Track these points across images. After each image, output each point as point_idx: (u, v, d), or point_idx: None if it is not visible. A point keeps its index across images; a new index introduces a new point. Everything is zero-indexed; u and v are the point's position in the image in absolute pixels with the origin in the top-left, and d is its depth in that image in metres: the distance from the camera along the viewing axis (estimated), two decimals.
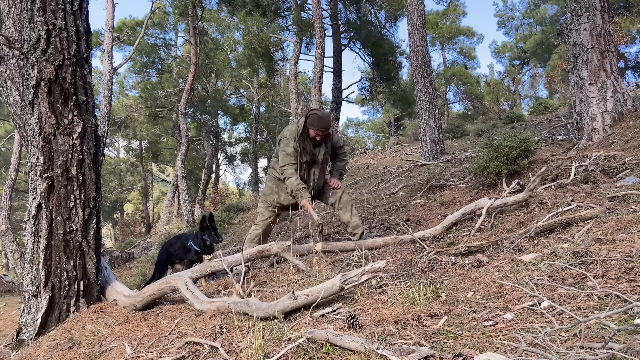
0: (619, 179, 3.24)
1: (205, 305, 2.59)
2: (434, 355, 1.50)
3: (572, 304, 1.68)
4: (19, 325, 3.08)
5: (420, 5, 8.33)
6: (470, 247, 2.72)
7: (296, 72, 12.54)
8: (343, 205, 3.69)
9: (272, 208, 3.76)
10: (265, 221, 3.80)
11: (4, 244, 9.85)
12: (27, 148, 3.29)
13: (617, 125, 4.26)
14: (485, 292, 2.02)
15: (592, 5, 4.42)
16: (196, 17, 13.25)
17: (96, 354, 2.39)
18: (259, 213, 3.89)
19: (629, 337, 1.34)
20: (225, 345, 2.00)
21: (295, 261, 3.07)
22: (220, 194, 19.25)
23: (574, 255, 2.09)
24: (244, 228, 9.20)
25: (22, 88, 3.70)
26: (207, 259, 3.19)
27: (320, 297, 2.13)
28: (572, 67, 4.67)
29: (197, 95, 18.18)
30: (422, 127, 8.31)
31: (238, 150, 27.41)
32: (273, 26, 14.11)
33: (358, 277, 2.20)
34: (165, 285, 3.04)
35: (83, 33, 3.17)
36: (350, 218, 3.66)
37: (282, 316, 2.13)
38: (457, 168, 6.43)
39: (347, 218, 3.67)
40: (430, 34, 23.47)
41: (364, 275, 2.20)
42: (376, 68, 16.17)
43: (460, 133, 12.41)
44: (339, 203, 3.70)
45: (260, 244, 3.65)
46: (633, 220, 2.31)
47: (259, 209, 3.90)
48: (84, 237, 3.12)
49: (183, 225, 12.84)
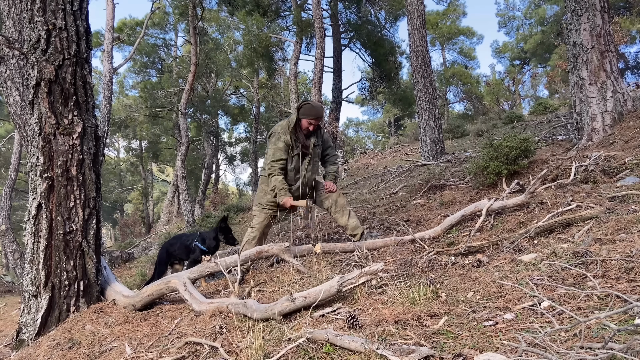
0: (619, 179, 3.24)
1: (203, 306, 2.60)
2: (434, 355, 1.50)
3: (572, 304, 1.68)
4: (19, 325, 3.08)
5: (420, 6, 8.33)
6: (470, 247, 2.72)
7: (296, 72, 12.54)
8: (340, 208, 3.68)
9: (267, 210, 3.72)
10: (261, 224, 3.75)
11: (4, 244, 9.85)
12: (27, 148, 3.29)
13: (617, 126, 4.26)
14: (485, 292, 2.01)
15: (592, 5, 4.42)
16: (196, 17, 13.26)
17: (96, 354, 2.39)
18: (254, 216, 3.84)
19: (629, 337, 1.33)
20: (225, 346, 2.00)
21: (294, 262, 3.07)
22: (220, 194, 19.24)
23: (574, 255, 2.09)
24: (243, 228, 9.20)
25: (22, 88, 3.70)
26: (206, 259, 3.19)
27: (318, 299, 2.14)
28: (572, 67, 4.67)
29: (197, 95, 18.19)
30: (422, 127, 8.31)
31: (238, 150, 27.45)
32: (273, 26, 14.10)
33: (356, 279, 2.20)
34: (164, 285, 3.04)
35: (83, 33, 3.17)
36: (348, 221, 3.65)
37: (280, 318, 2.13)
38: (457, 168, 6.43)
39: (345, 221, 3.66)
40: (430, 34, 23.50)
41: (362, 277, 2.21)
42: (376, 68, 16.18)
43: (460, 133, 12.41)
44: (336, 206, 3.69)
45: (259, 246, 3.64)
46: (633, 221, 2.31)
47: (254, 211, 3.86)
48: (84, 237, 3.12)
49: (183, 225, 12.84)
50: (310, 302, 2.14)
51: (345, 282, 2.19)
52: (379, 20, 16.12)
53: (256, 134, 21.41)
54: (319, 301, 2.14)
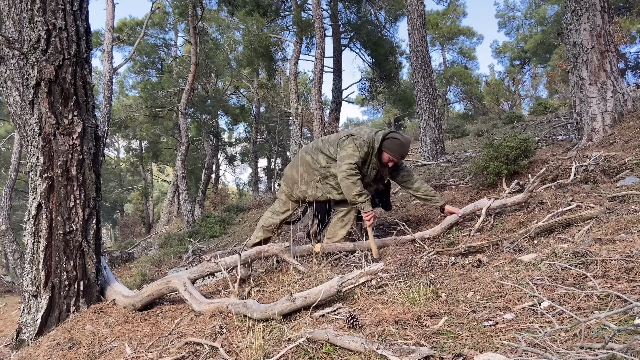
0: (619, 179, 3.24)
1: (203, 307, 2.60)
2: (434, 356, 1.50)
3: (572, 304, 1.67)
4: (19, 325, 3.08)
5: (420, 6, 8.33)
6: (470, 247, 2.72)
7: (296, 72, 12.53)
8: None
9: (294, 198, 3.50)
10: (286, 212, 3.56)
11: (4, 244, 9.84)
12: (27, 148, 3.29)
13: (617, 126, 4.26)
14: (485, 292, 2.01)
15: (592, 6, 4.42)
16: (196, 17, 13.25)
17: (96, 354, 2.39)
18: (279, 200, 3.61)
19: (629, 337, 1.33)
20: (225, 346, 2.00)
21: (294, 262, 3.08)
22: (220, 194, 19.24)
23: (574, 255, 2.09)
24: (243, 228, 9.20)
25: (22, 88, 3.70)
26: (206, 259, 3.19)
27: (318, 299, 2.14)
28: (572, 67, 4.66)
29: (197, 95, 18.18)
30: (422, 127, 8.31)
31: (238, 151, 27.45)
32: (273, 26, 14.10)
33: (356, 280, 2.21)
34: (164, 285, 3.04)
35: (83, 33, 3.17)
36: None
37: (279, 318, 2.13)
38: (457, 168, 6.43)
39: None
40: (430, 34, 23.50)
41: (361, 278, 2.21)
42: (376, 68, 16.18)
43: (460, 133, 12.39)
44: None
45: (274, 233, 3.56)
46: (633, 221, 2.31)
47: (280, 195, 3.63)
48: (84, 237, 3.12)
49: (183, 225, 12.83)
50: (310, 302, 2.14)
51: (345, 282, 2.20)
52: (379, 20, 16.12)
53: (256, 134, 21.40)
54: (319, 301, 2.14)
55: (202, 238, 9.14)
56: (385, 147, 3.24)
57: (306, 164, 3.48)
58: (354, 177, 3.17)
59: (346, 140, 3.30)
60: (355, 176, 3.18)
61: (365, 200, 3.19)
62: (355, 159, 3.19)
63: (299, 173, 3.50)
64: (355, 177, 3.18)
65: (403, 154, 3.26)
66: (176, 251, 7.77)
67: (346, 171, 3.19)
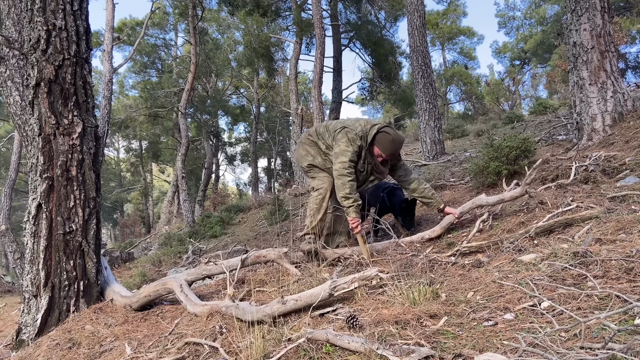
0: (619, 179, 3.24)
1: (198, 308, 2.61)
2: (434, 356, 1.49)
3: (572, 304, 1.67)
4: (19, 326, 3.08)
5: (420, 6, 8.33)
6: (470, 247, 2.72)
7: (296, 72, 12.54)
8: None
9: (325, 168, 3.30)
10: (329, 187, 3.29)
11: (4, 244, 9.84)
12: (27, 148, 3.29)
13: (617, 126, 4.26)
14: (485, 292, 2.01)
15: (592, 6, 4.42)
16: (196, 17, 13.26)
17: (96, 354, 2.39)
18: (316, 178, 3.37)
19: (629, 338, 1.33)
20: (225, 346, 2.00)
21: (291, 268, 3.09)
22: (220, 194, 19.25)
23: (574, 255, 2.09)
24: (243, 228, 9.20)
25: (22, 88, 3.69)
26: (204, 262, 3.20)
27: (310, 303, 2.15)
28: (572, 67, 4.66)
29: (197, 95, 18.19)
30: (422, 127, 8.31)
31: (238, 151, 27.47)
32: (273, 26, 14.11)
33: (348, 284, 2.24)
34: (161, 287, 3.05)
35: (83, 33, 3.17)
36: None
37: (270, 320, 2.14)
38: (457, 168, 6.42)
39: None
40: (431, 34, 23.50)
41: (354, 283, 2.23)
42: (376, 68, 16.18)
43: (460, 133, 12.39)
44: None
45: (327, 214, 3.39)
46: (633, 221, 2.31)
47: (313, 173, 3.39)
48: (84, 237, 3.12)
49: (183, 226, 12.84)
50: (301, 305, 2.17)
51: (338, 286, 2.22)
52: (379, 20, 16.13)
53: (256, 134, 21.41)
54: (311, 305, 2.15)
55: (202, 238, 9.14)
56: (375, 141, 3.17)
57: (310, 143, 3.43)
58: (344, 177, 3.10)
59: (340, 133, 3.21)
60: (347, 177, 3.10)
61: (351, 205, 3.10)
62: (348, 155, 3.11)
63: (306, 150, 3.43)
64: (346, 177, 3.09)
65: (392, 151, 3.18)
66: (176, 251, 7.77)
67: (338, 170, 3.12)
